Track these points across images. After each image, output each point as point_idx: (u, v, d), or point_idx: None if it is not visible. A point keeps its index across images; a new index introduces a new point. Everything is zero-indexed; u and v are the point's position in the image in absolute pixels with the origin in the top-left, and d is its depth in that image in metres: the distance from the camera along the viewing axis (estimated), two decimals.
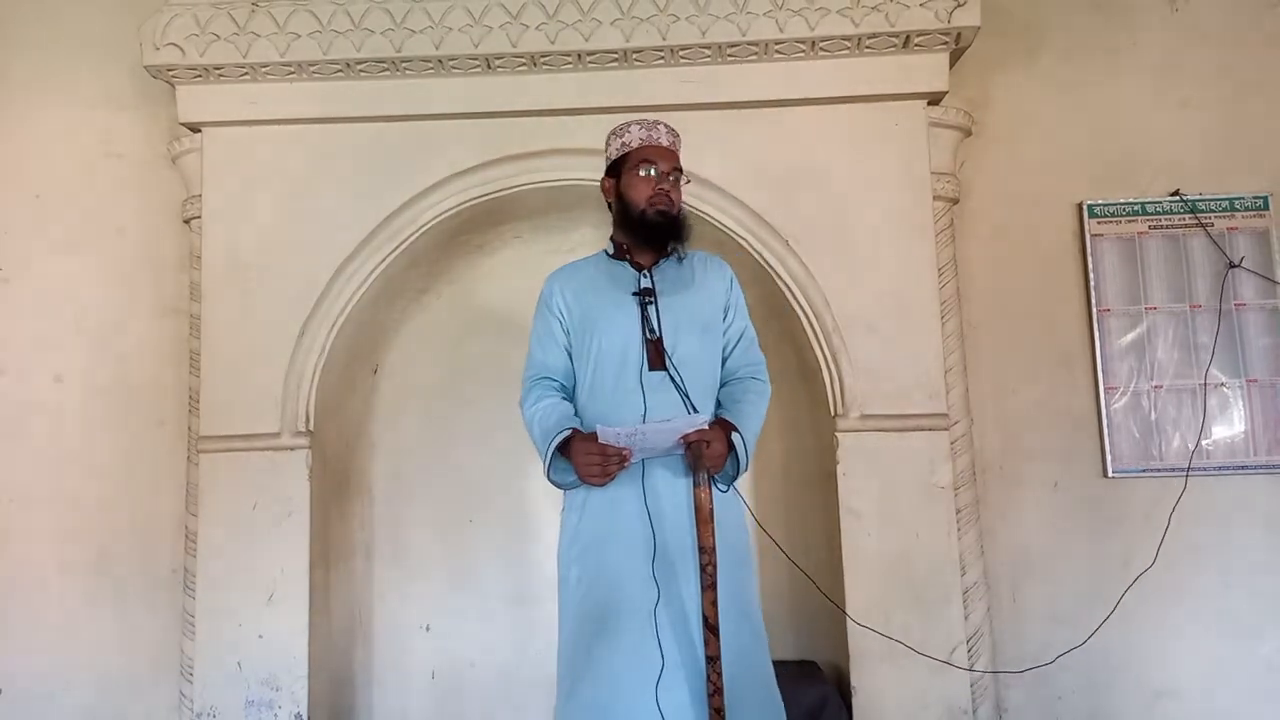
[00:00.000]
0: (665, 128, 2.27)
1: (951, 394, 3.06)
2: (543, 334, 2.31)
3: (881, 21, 2.99)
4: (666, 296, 2.23)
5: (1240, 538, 3.15)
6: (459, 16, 3.07)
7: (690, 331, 2.21)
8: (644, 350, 2.17)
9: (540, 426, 2.22)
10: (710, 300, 2.28)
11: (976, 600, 3.00)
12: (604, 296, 2.25)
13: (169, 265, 3.36)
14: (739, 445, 2.14)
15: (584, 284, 2.29)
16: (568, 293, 2.29)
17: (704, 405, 2.19)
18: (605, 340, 2.20)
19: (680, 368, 2.17)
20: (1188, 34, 3.33)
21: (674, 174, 2.24)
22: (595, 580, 2.14)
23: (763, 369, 2.32)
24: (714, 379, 2.26)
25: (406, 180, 3.15)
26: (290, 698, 2.99)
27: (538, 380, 2.29)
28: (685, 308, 2.23)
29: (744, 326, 2.33)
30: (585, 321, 2.25)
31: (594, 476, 2.10)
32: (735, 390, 2.26)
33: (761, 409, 2.26)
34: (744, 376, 2.29)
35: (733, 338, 2.31)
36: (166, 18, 3.10)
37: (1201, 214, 3.25)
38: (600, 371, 2.21)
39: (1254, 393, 3.20)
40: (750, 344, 2.33)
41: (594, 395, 2.22)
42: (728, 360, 2.30)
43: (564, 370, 2.29)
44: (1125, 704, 3.12)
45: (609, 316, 2.22)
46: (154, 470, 3.30)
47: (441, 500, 3.48)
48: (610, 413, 2.15)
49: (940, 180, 3.12)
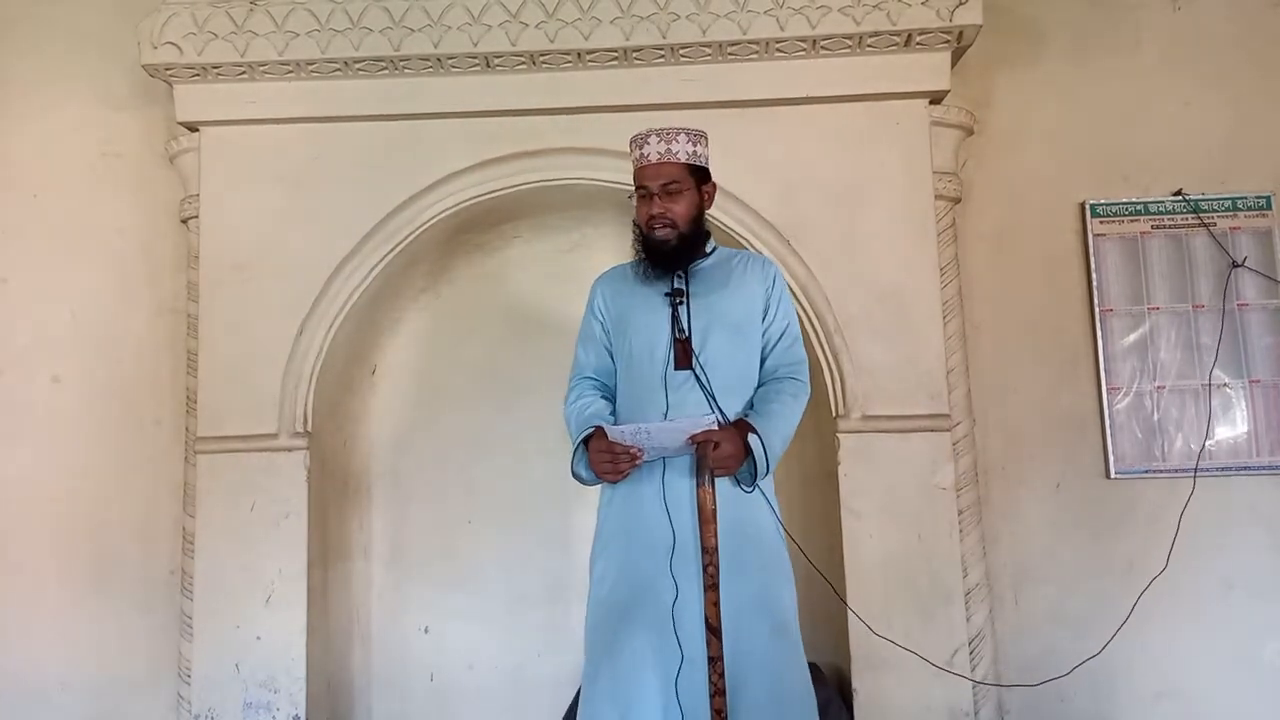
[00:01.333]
0: (655, 138, 2.23)
1: (953, 394, 3.05)
2: (586, 335, 2.39)
3: (883, 20, 2.98)
4: (699, 297, 2.24)
5: (1242, 538, 3.14)
6: (458, 15, 3.05)
7: (721, 331, 2.21)
8: (671, 349, 2.20)
9: (575, 423, 2.28)
10: (746, 300, 2.27)
11: (978, 602, 2.99)
12: (638, 297, 2.29)
13: (166, 265, 3.35)
14: (756, 447, 2.12)
15: (623, 286, 2.35)
16: (608, 294, 2.36)
17: (733, 405, 2.19)
18: (636, 339, 2.25)
19: (707, 367, 2.18)
20: (1190, 33, 3.32)
21: (668, 187, 2.21)
22: (618, 575, 2.18)
23: (802, 369, 2.30)
24: (747, 379, 2.25)
25: (405, 179, 3.14)
26: (288, 699, 2.98)
27: (580, 379, 2.36)
28: (718, 307, 2.23)
29: (785, 326, 2.31)
30: (620, 322, 2.31)
31: (606, 474, 2.16)
32: (769, 390, 2.26)
33: (794, 409, 2.24)
34: (781, 376, 2.28)
35: (772, 337, 2.29)
36: (164, 17, 3.09)
37: (1204, 214, 3.24)
38: (631, 370, 2.26)
39: (1257, 393, 3.18)
40: (792, 343, 2.31)
41: (626, 393, 2.28)
42: (767, 360, 2.29)
43: (605, 370, 2.35)
44: (1127, 705, 3.11)
45: (640, 317, 2.26)
46: (151, 471, 3.29)
47: (440, 501, 3.46)
48: (636, 410, 2.21)
49: (942, 179, 3.11)
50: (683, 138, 2.23)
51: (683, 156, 2.22)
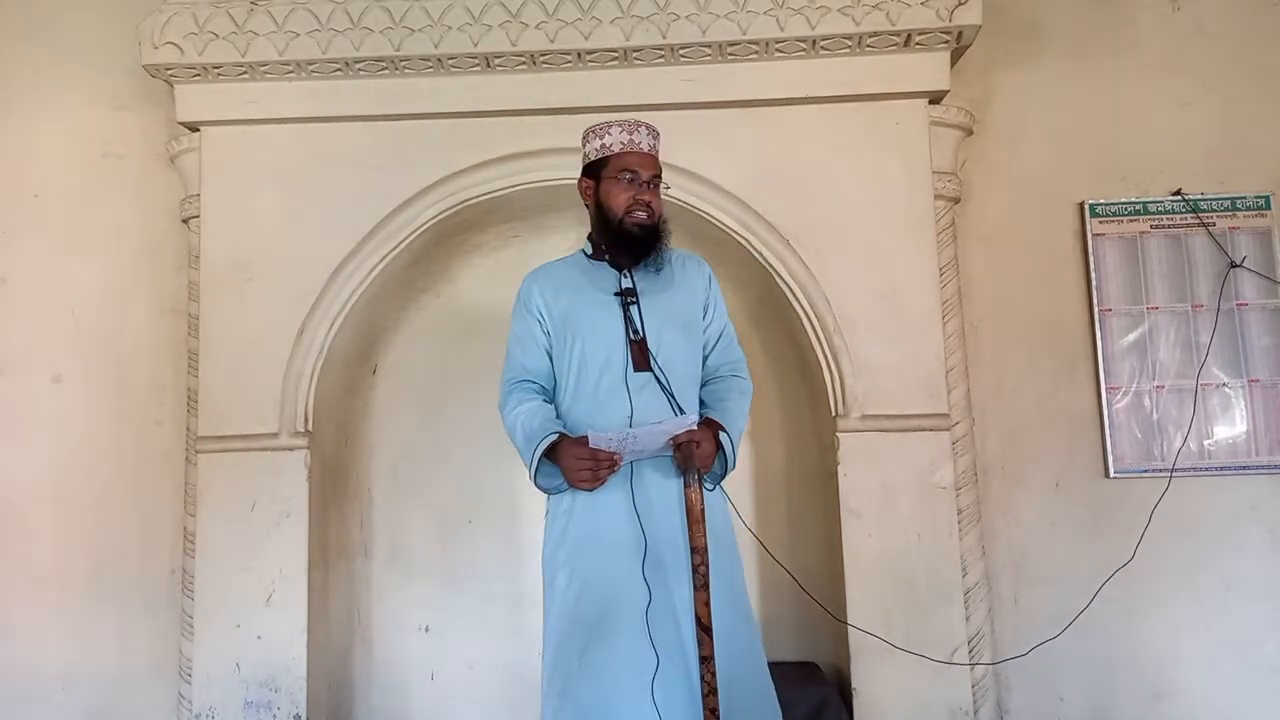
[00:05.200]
0: (647, 129, 2.23)
1: (953, 394, 3.05)
2: (523, 336, 2.26)
3: (882, 20, 2.98)
4: (648, 296, 2.20)
5: (1241, 538, 3.14)
6: (458, 15, 3.06)
7: (672, 331, 2.19)
8: (628, 351, 2.15)
9: (524, 430, 2.17)
10: (690, 299, 2.26)
11: (978, 601, 2.99)
12: (585, 297, 2.21)
13: (167, 265, 3.35)
14: (727, 444, 2.14)
15: (563, 284, 2.25)
16: (547, 293, 2.24)
17: (689, 405, 2.18)
18: (588, 342, 2.17)
19: (665, 368, 2.15)
20: (1189, 33, 3.32)
21: (654, 180, 2.21)
22: (586, 583, 2.11)
23: (743, 367, 2.31)
24: (695, 378, 2.25)
25: (405, 179, 3.14)
26: (289, 699, 2.98)
27: (518, 383, 2.25)
28: (667, 307, 2.21)
29: (724, 324, 2.31)
30: (566, 323, 2.21)
31: (584, 482, 2.07)
32: (719, 389, 2.25)
33: (745, 407, 2.25)
34: (725, 375, 2.27)
35: (713, 335, 2.29)
36: (165, 17, 3.09)
37: (1203, 213, 3.24)
38: (584, 374, 2.17)
39: (1255, 393, 3.19)
40: (731, 342, 2.32)
41: (578, 398, 2.18)
42: (708, 358, 2.29)
43: (544, 372, 2.24)
44: (1126, 705, 3.10)
45: (591, 317, 2.18)
46: (153, 470, 3.29)
47: (440, 500, 3.47)
48: (595, 415, 2.13)
49: (941, 179, 3.12)
50: (661, 140, 2.26)
51: (660, 157, 2.26)
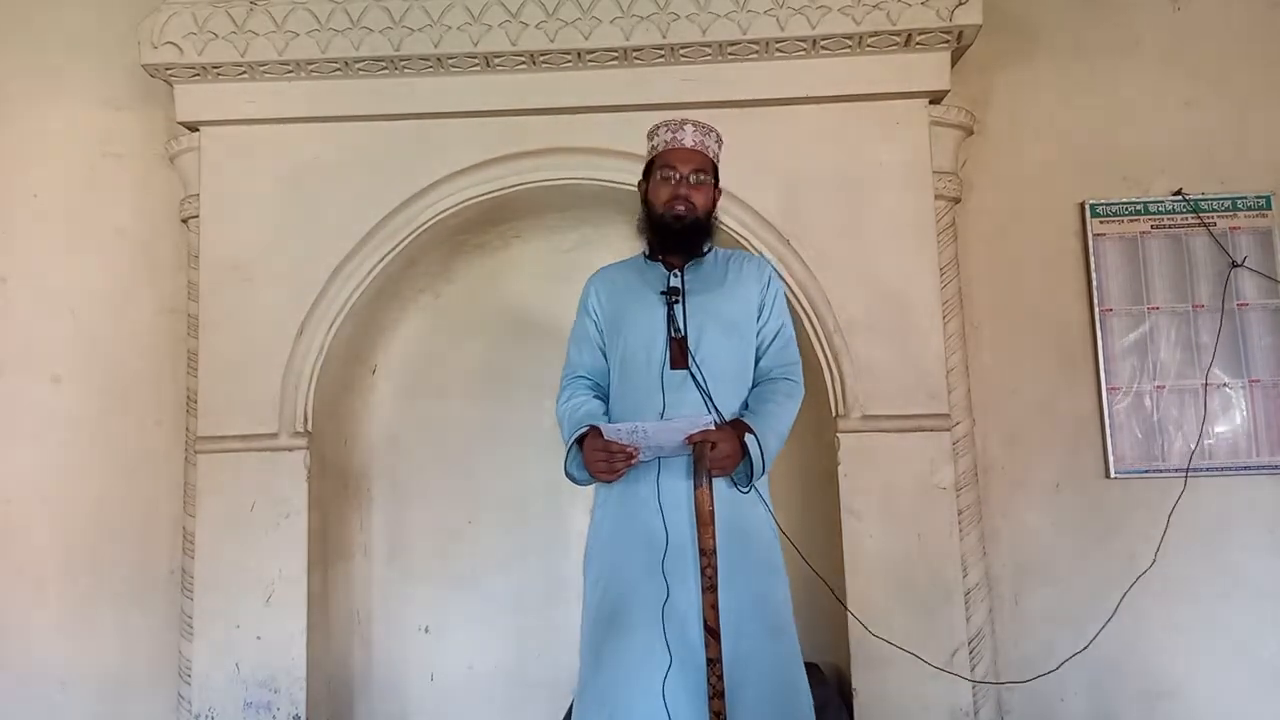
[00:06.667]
0: (692, 126, 2.27)
1: (953, 394, 3.04)
2: (579, 334, 2.36)
3: (883, 20, 2.98)
4: (695, 296, 2.23)
5: (1242, 539, 3.13)
6: (458, 15, 3.05)
7: (716, 330, 2.21)
8: (667, 348, 2.19)
9: (568, 422, 2.25)
10: (742, 299, 2.27)
11: (978, 602, 2.99)
12: (633, 296, 2.28)
13: (167, 265, 3.35)
14: (752, 447, 2.11)
15: (618, 284, 2.33)
16: (602, 293, 2.34)
17: (728, 404, 2.18)
18: (631, 338, 2.24)
19: (703, 366, 2.17)
20: (1190, 33, 3.32)
21: (697, 174, 2.24)
22: (610, 577, 2.16)
23: (796, 369, 2.30)
24: (743, 378, 2.25)
25: (405, 179, 3.14)
26: (289, 699, 2.98)
27: (572, 379, 2.34)
28: (713, 306, 2.23)
29: (779, 326, 2.31)
30: (615, 320, 2.29)
31: (601, 473, 2.12)
32: (764, 390, 2.25)
33: (789, 409, 2.23)
34: (776, 377, 2.27)
35: (766, 337, 2.29)
36: (164, 16, 3.09)
37: (1204, 213, 3.24)
38: (626, 369, 2.24)
39: (1256, 393, 3.18)
40: (786, 344, 2.31)
41: (621, 393, 2.25)
42: (761, 360, 2.28)
43: (598, 369, 2.33)
44: (1127, 705, 3.10)
45: (635, 315, 2.25)
46: (152, 471, 3.29)
47: (440, 501, 3.46)
48: (632, 410, 2.18)
49: (942, 179, 3.11)
50: (713, 135, 2.30)
51: (711, 153, 2.29)
